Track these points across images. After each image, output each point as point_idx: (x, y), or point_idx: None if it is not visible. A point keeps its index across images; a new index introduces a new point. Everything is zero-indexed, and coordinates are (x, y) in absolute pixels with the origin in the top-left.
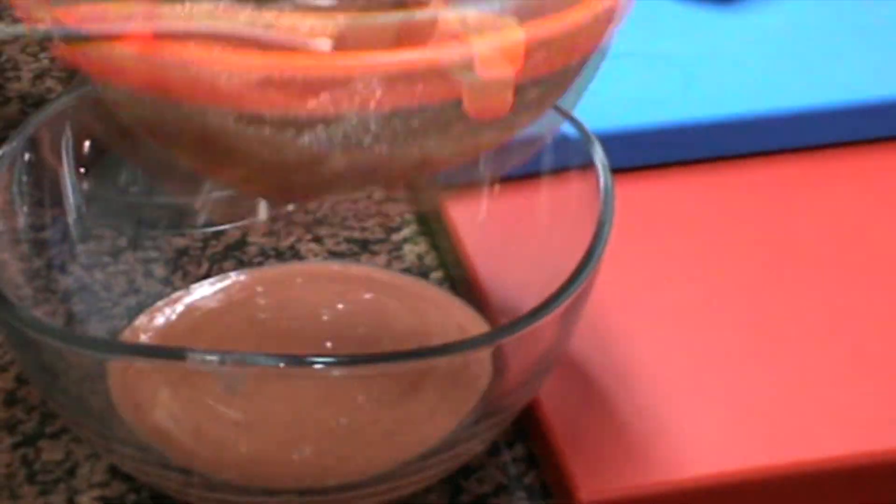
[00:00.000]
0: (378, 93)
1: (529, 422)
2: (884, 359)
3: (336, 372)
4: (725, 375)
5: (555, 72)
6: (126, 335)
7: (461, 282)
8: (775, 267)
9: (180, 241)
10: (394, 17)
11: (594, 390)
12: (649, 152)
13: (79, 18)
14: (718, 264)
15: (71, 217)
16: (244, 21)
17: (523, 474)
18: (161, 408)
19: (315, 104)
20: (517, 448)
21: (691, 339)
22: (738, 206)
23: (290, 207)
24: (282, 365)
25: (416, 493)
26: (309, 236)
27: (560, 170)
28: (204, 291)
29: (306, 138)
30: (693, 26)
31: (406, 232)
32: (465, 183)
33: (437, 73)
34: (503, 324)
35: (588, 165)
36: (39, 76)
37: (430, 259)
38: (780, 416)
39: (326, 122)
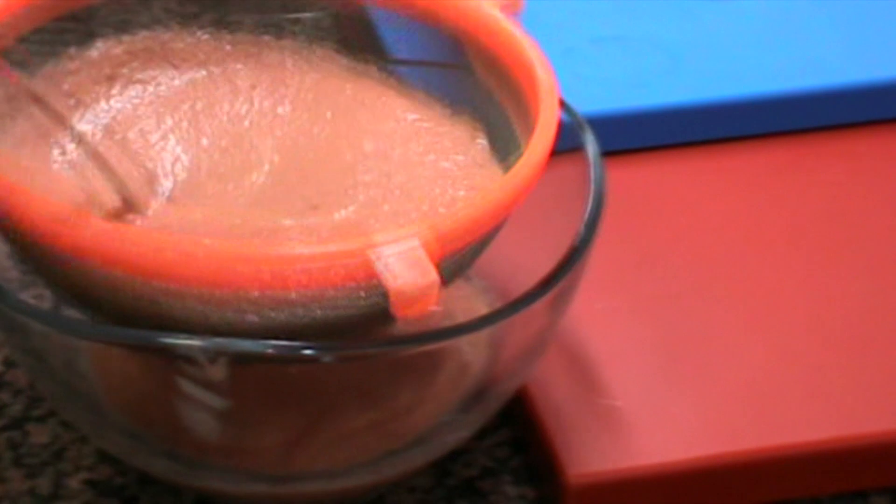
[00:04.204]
0: None
1: (516, 406)
2: (871, 342)
3: (327, 357)
4: (713, 359)
5: None
6: None
7: None
8: (763, 250)
9: None
10: None
11: (581, 374)
12: (635, 135)
13: None
14: (706, 247)
15: None
16: None
17: (510, 458)
18: (140, 392)
19: None
20: (503, 432)
21: (679, 322)
22: (725, 189)
23: None
24: (269, 351)
25: (403, 477)
26: None
27: (550, 153)
28: None
29: None
30: (679, 9)
31: None
32: None
33: None
34: (494, 309)
35: (578, 149)
36: None
37: None
38: (768, 399)
39: None
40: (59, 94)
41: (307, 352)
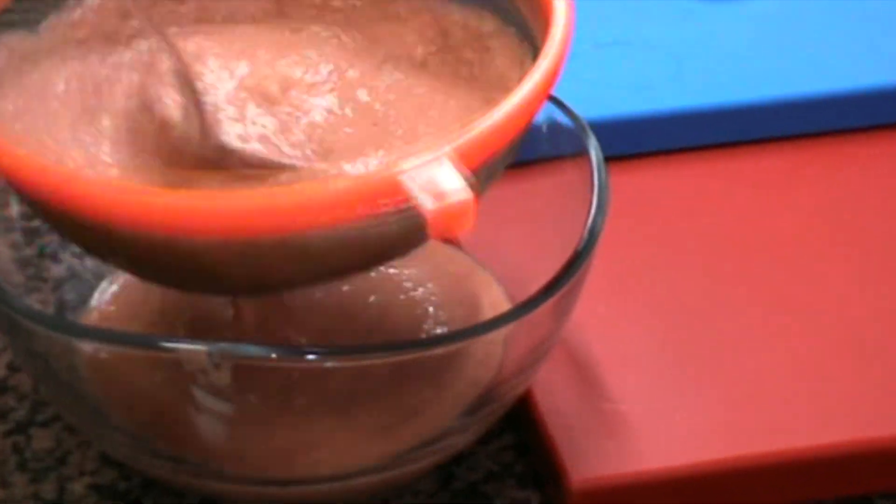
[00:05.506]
0: None
1: (520, 410)
2: (875, 346)
3: (330, 363)
4: (717, 364)
5: None
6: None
7: None
8: (768, 254)
9: None
10: None
11: (585, 378)
12: (640, 140)
13: None
14: (710, 252)
15: None
16: None
17: (514, 462)
18: (144, 396)
19: None
20: (508, 436)
21: (682, 326)
22: (729, 194)
23: None
24: (273, 356)
25: (408, 480)
26: None
27: (554, 158)
28: None
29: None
30: (684, 14)
31: None
32: None
33: None
34: (499, 314)
35: (582, 154)
36: None
37: None
38: (772, 403)
39: None
40: None
41: (311, 357)
